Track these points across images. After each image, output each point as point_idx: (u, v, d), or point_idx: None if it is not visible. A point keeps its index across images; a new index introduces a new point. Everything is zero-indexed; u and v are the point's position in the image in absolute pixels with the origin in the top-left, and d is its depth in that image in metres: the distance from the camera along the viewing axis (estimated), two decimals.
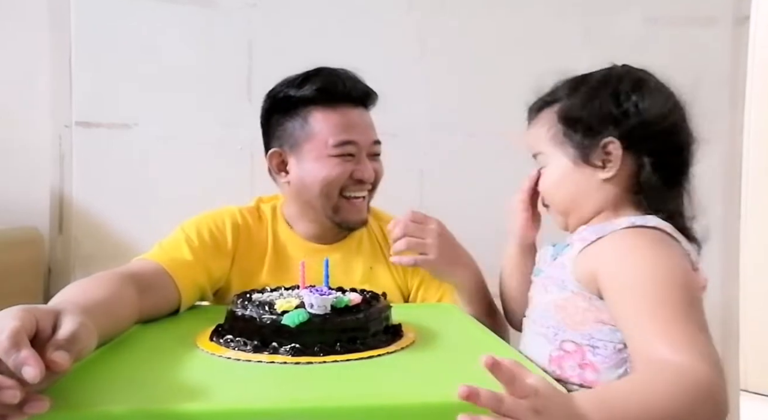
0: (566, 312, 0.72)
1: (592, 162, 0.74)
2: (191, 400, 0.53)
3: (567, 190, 0.77)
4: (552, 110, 0.78)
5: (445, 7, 1.50)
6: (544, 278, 0.77)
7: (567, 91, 0.78)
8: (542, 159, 0.80)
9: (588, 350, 0.69)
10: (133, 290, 0.77)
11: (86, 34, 1.40)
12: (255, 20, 1.46)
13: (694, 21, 1.54)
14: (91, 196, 1.43)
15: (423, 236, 0.90)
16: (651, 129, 0.72)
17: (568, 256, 0.73)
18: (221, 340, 0.70)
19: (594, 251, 0.71)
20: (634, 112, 0.73)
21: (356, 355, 0.66)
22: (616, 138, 0.73)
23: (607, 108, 0.73)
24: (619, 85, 0.74)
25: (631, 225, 0.70)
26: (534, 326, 0.76)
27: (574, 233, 0.76)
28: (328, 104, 0.99)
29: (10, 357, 0.46)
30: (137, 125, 1.45)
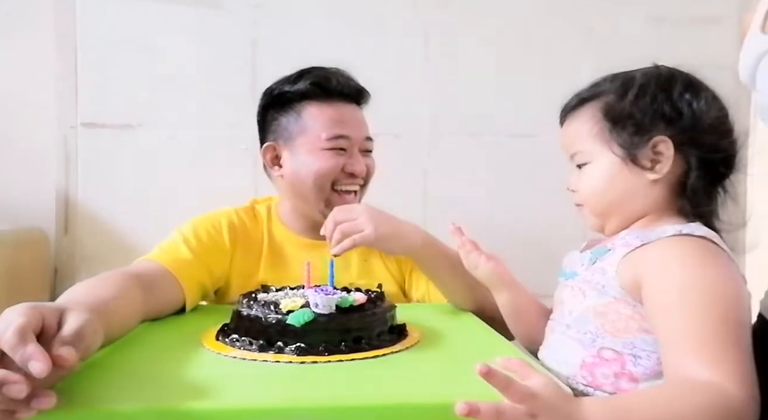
0: (607, 318, 0.68)
1: (641, 162, 0.70)
2: (198, 398, 0.53)
3: (613, 191, 0.73)
4: (595, 106, 0.74)
5: (449, 8, 1.51)
6: (581, 282, 0.73)
7: (612, 88, 0.74)
8: (582, 157, 0.75)
9: (629, 360, 0.66)
10: (138, 289, 0.77)
11: (91, 35, 1.41)
12: (259, 21, 1.46)
13: (699, 20, 1.53)
14: (96, 196, 1.44)
15: (353, 217, 0.90)
16: (703, 130, 0.69)
17: (609, 261, 0.70)
18: (227, 340, 0.70)
19: (639, 257, 0.67)
20: (688, 111, 0.70)
21: (361, 355, 0.66)
22: (667, 137, 0.69)
23: (659, 105, 0.70)
24: (671, 84, 0.71)
25: (678, 233, 0.67)
26: (568, 331, 0.73)
27: (614, 238, 0.73)
28: (322, 99, 1.02)
29: (17, 352, 0.46)
30: (142, 126, 1.45)
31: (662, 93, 0.71)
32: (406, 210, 1.13)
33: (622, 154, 0.71)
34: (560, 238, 1.25)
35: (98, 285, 0.71)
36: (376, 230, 0.89)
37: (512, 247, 1.31)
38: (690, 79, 0.72)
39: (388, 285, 1.04)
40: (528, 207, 1.51)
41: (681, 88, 0.71)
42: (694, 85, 0.72)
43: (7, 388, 0.45)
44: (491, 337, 0.81)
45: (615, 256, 0.69)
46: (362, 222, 0.89)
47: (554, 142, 0.80)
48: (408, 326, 0.77)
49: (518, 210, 1.52)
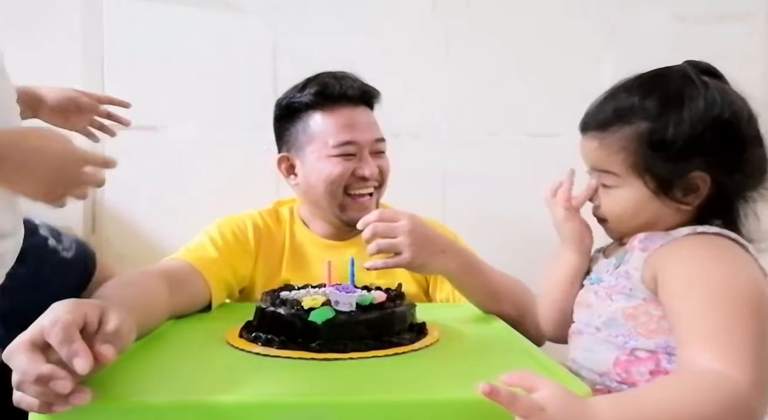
0: (638, 320, 0.69)
1: (674, 195, 0.69)
2: (223, 393, 0.55)
3: (640, 218, 0.72)
4: (632, 131, 0.70)
5: (468, 8, 1.50)
6: (608, 287, 0.73)
7: (647, 109, 0.69)
8: (610, 180, 0.73)
9: (664, 358, 0.67)
10: (166, 287, 0.79)
11: (117, 40, 1.44)
12: (279, 23, 1.48)
13: (727, 17, 1.49)
14: (122, 197, 1.47)
15: (394, 235, 0.84)
16: (743, 160, 0.68)
17: (632, 265, 0.70)
18: (251, 336, 0.72)
19: (657, 256, 0.68)
20: (731, 146, 0.67)
21: (381, 352, 0.67)
22: (705, 171, 0.67)
23: (700, 136, 0.66)
24: (716, 112, 0.67)
25: (693, 229, 0.68)
26: (598, 333, 0.72)
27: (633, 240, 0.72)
28: (327, 106, 1.03)
29: (63, 348, 0.48)
30: (166, 128, 1.48)
31: (702, 121, 0.67)
32: (425, 210, 1.14)
33: (655, 188, 0.69)
34: None
35: (128, 283, 0.73)
36: (413, 256, 0.83)
37: (533, 248, 1.30)
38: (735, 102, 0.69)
39: (409, 286, 1.05)
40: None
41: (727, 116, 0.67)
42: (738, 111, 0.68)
43: (54, 384, 0.47)
44: (511, 336, 0.82)
45: (638, 258, 0.70)
46: (401, 243, 0.84)
47: (575, 142, 0.78)
48: (428, 325, 0.78)
49: (539, 210, 1.51)
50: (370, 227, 0.84)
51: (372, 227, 0.84)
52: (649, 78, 0.72)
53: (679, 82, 0.70)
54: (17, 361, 0.49)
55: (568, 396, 0.53)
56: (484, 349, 0.76)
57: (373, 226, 0.84)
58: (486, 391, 0.49)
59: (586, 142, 0.75)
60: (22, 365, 0.48)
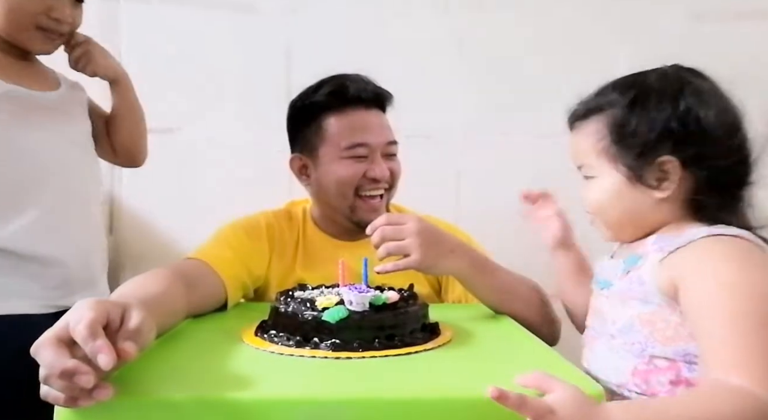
0: (655, 326, 0.67)
1: (647, 181, 0.69)
2: (240, 389, 0.56)
3: (619, 207, 0.72)
4: (602, 119, 0.73)
5: (482, 8, 1.50)
6: (620, 293, 0.72)
7: (620, 99, 0.72)
8: (588, 171, 0.75)
9: (684, 367, 0.65)
10: (183, 287, 0.81)
11: (135, 43, 1.47)
12: (294, 26, 1.50)
13: (743, 15, 1.47)
14: (139, 198, 1.49)
15: (402, 237, 0.85)
16: (713, 146, 0.67)
17: (645, 270, 0.69)
18: (265, 335, 0.73)
19: (675, 262, 0.66)
20: (697, 128, 0.67)
21: (394, 351, 0.68)
22: (674, 156, 0.68)
23: (667, 124, 0.68)
24: (680, 97, 0.69)
25: (710, 234, 0.66)
26: (613, 341, 0.72)
27: (644, 244, 0.72)
28: (339, 108, 1.04)
29: (88, 344, 0.50)
30: (182, 129, 1.50)
31: (669, 107, 0.68)
32: (438, 211, 1.15)
33: (627, 173, 0.70)
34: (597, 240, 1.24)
35: (147, 282, 0.75)
36: (422, 257, 0.84)
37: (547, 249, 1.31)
38: (701, 88, 0.70)
39: (421, 286, 1.05)
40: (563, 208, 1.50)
41: (691, 102, 0.68)
42: (704, 96, 0.69)
43: (78, 378, 0.49)
44: (524, 336, 0.82)
45: (650, 263, 0.69)
46: (410, 245, 0.84)
47: None
48: (441, 325, 0.79)
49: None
50: (378, 231, 0.85)
51: (380, 231, 0.85)
52: (624, 76, 0.75)
53: (653, 77, 0.72)
54: (44, 355, 0.50)
55: (581, 399, 0.53)
56: (496, 349, 0.76)
57: (381, 229, 0.85)
58: (495, 395, 0.50)
59: (570, 139, 0.79)
60: (49, 360, 0.50)
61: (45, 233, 0.93)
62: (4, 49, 0.96)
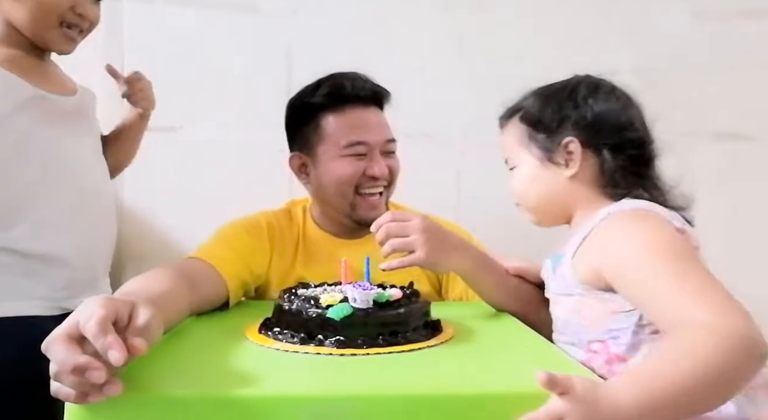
0: (581, 314, 0.74)
1: (556, 161, 0.80)
2: (245, 386, 0.56)
3: (537, 189, 0.83)
4: (517, 116, 0.85)
5: (482, 7, 1.51)
6: (553, 292, 0.81)
7: (529, 98, 0.85)
8: (511, 162, 0.86)
9: (611, 343, 0.71)
10: (186, 285, 0.81)
11: (137, 43, 1.47)
12: (295, 26, 1.50)
13: (746, 14, 1.47)
14: (141, 197, 1.50)
15: (406, 234, 0.86)
16: (605, 126, 0.78)
17: (564, 265, 0.77)
18: (269, 333, 0.74)
19: (585, 250, 0.74)
20: (590, 112, 0.79)
21: (398, 348, 0.69)
22: (574, 137, 0.78)
23: (565, 110, 0.80)
24: (576, 89, 0.81)
25: (608, 213, 0.74)
26: (562, 338, 0.79)
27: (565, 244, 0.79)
28: (338, 107, 1.05)
29: (98, 341, 0.51)
30: (183, 129, 1.51)
31: (568, 99, 0.81)
32: (439, 211, 1.15)
33: (539, 155, 0.81)
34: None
35: (150, 281, 0.75)
36: (427, 254, 0.85)
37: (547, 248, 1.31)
38: (595, 82, 0.82)
39: (421, 284, 1.05)
40: None
41: (585, 92, 0.80)
42: (596, 87, 0.81)
43: (89, 374, 0.49)
44: (525, 332, 0.83)
45: (566, 257, 0.77)
46: (415, 241, 0.85)
47: None
48: (443, 323, 0.80)
49: None
50: (384, 228, 0.86)
51: (385, 228, 0.86)
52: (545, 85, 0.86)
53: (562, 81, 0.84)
54: (55, 352, 0.51)
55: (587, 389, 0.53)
56: (498, 346, 0.77)
57: (386, 226, 0.86)
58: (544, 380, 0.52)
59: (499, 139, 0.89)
60: (60, 356, 0.50)
61: (58, 235, 0.94)
62: (26, 50, 0.96)
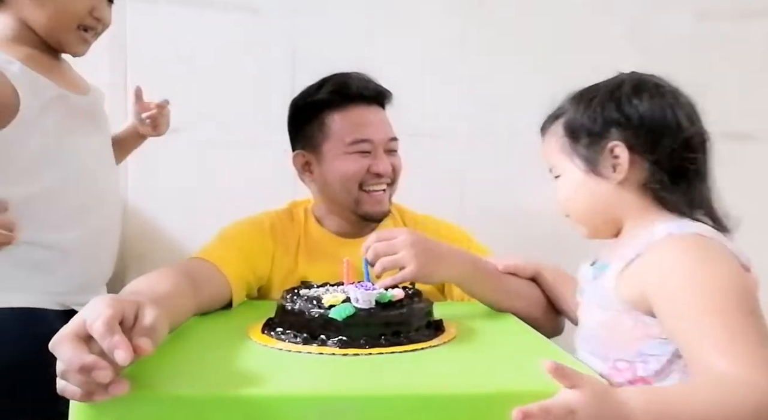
0: (613, 331, 0.71)
1: (601, 170, 0.74)
2: (249, 386, 0.57)
3: (583, 201, 0.78)
4: (559, 122, 0.80)
5: (485, 8, 1.51)
6: (588, 300, 0.77)
7: (570, 103, 0.79)
8: (555, 171, 0.81)
9: (640, 366, 0.68)
10: (190, 285, 0.81)
11: (140, 43, 1.48)
12: (297, 25, 1.50)
13: (751, 14, 1.46)
14: (144, 198, 1.50)
15: (394, 251, 0.85)
16: (653, 128, 0.72)
17: (608, 277, 0.72)
18: (272, 333, 0.74)
19: (637, 269, 0.69)
20: (635, 113, 0.73)
21: (400, 348, 0.69)
22: (620, 141, 0.73)
23: (608, 113, 0.74)
24: (619, 90, 0.75)
25: (669, 234, 0.69)
26: (585, 345, 0.77)
27: (614, 253, 0.75)
28: (342, 105, 1.06)
29: (105, 340, 0.51)
30: (186, 130, 1.51)
31: (610, 100, 0.74)
32: (442, 211, 1.16)
33: (582, 165, 0.76)
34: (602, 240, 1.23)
35: (155, 281, 0.76)
36: (418, 268, 0.84)
37: (551, 247, 1.31)
38: (639, 80, 0.75)
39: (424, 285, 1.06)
40: None
41: (628, 92, 0.74)
42: (641, 86, 0.74)
43: (96, 373, 0.49)
44: (527, 332, 0.83)
45: (613, 270, 0.72)
46: (404, 257, 0.84)
47: None
48: (445, 323, 0.80)
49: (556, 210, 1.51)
50: (372, 249, 0.86)
51: (373, 249, 0.86)
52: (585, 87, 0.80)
53: (603, 81, 0.78)
54: (63, 351, 0.51)
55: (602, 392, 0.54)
56: (501, 345, 0.77)
57: (374, 247, 0.86)
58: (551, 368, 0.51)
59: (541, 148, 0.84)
60: (67, 355, 0.51)
61: (70, 230, 0.95)
62: (42, 49, 0.97)
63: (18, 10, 0.93)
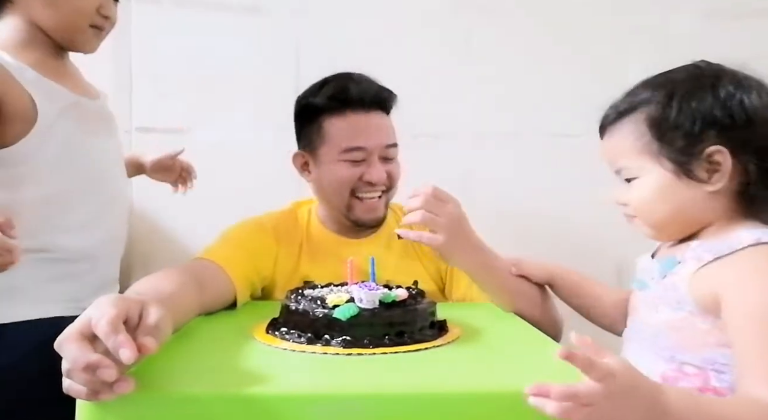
0: (683, 334, 0.66)
1: (696, 174, 0.66)
2: (253, 385, 0.57)
3: (668, 205, 0.69)
4: (637, 118, 0.70)
5: (490, 8, 1.51)
6: (654, 297, 0.71)
7: (655, 95, 0.69)
8: (629, 172, 0.72)
9: (713, 375, 0.64)
10: (195, 286, 0.82)
11: (145, 46, 1.48)
12: (302, 25, 1.51)
13: (758, 13, 1.46)
14: (150, 198, 1.51)
15: (438, 214, 0.86)
16: (762, 131, 0.65)
17: (680, 276, 0.67)
18: (276, 333, 0.75)
19: (715, 272, 0.64)
20: (740, 113, 0.64)
21: (404, 348, 0.69)
22: (721, 145, 0.65)
23: (709, 111, 0.65)
24: (718, 85, 0.66)
25: (757, 242, 0.63)
26: (644, 343, 0.71)
27: (684, 248, 0.69)
28: (340, 110, 1.05)
29: (110, 339, 0.51)
30: (192, 130, 1.52)
31: (709, 96, 0.66)
32: None
33: (673, 168, 0.67)
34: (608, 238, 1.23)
35: (159, 281, 0.76)
36: (446, 242, 0.86)
37: (555, 247, 1.31)
38: (737, 74, 0.67)
39: (425, 283, 1.06)
40: (573, 208, 1.50)
41: (729, 87, 0.65)
42: (742, 80, 0.66)
43: (100, 372, 0.50)
44: (531, 333, 0.83)
45: (686, 270, 0.67)
46: (443, 225, 0.86)
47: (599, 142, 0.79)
48: (449, 323, 0.80)
49: (560, 210, 1.51)
50: (422, 197, 0.86)
51: (424, 197, 0.86)
52: (655, 75, 0.72)
53: (685, 71, 0.70)
54: (68, 350, 0.52)
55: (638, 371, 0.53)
56: (505, 345, 0.77)
57: (425, 198, 0.86)
58: (564, 355, 0.49)
59: (603, 144, 0.76)
60: (72, 354, 0.51)
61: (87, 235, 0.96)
62: (50, 52, 0.97)
63: (27, 12, 0.93)
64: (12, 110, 0.85)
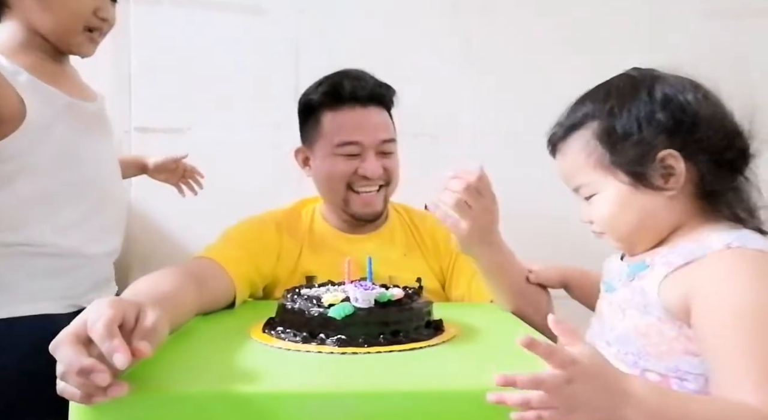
0: (650, 340, 0.65)
1: (652, 182, 0.66)
2: (248, 384, 0.57)
3: (630, 217, 0.68)
4: (585, 134, 0.70)
5: (490, 8, 1.51)
6: (621, 300, 0.70)
7: (598, 108, 0.69)
8: (587, 190, 0.71)
9: (674, 383, 0.63)
10: (193, 285, 0.82)
11: (144, 45, 1.49)
12: (302, 26, 1.51)
13: (757, 13, 1.46)
14: (149, 197, 1.51)
15: (472, 204, 0.85)
16: (705, 128, 0.65)
17: (649, 281, 0.66)
18: (273, 332, 0.75)
19: (685, 278, 0.63)
20: (681, 114, 0.65)
21: (399, 347, 0.70)
22: (672, 148, 0.64)
23: (654, 117, 0.65)
24: (656, 89, 0.66)
25: (727, 246, 0.62)
26: (608, 348, 0.70)
27: (654, 253, 0.69)
28: (336, 106, 1.06)
29: (104, 343, 0.51)
30: (191, 129, 1.52)
31: (649, 101, 0.66)
32: None
33: (629, 180, 0.67)
34: None
35: (158, 281, 0.76)
36: (470, 232, 0.86)
37: (554, 247, 1.31)
38: (670, 77, 0.68)
39: (428, 280, 1.07)
40: (573, 208, 1.49)
41: (666, 90, 0.66)
42: (676, 82, 0.67)
43: (94, 376, 0.50)
44: (528, 333, 0.82)
45: (655, 274, 0.66)
46: (472, 215, 0.85)
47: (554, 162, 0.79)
48: (445, 322, 0.80)
49: (559, 210, 1.50)
50: (463, 181, 0.85)
51: (465, 182, 0.85)
52: (592, 88, 0.73)
53: (620, 80, 0.70)
54: (62, 353, 0.52)
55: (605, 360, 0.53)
56: (500, 345, 0.77)
57: (467, 184, 0.84)
58: (526, 342, 0.50)
59: (557, 164, 0.75)
60: (67, 357, 0.51)
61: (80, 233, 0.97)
62: (48, 55, 0.97)
63: (25, 16, 0.94)
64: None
